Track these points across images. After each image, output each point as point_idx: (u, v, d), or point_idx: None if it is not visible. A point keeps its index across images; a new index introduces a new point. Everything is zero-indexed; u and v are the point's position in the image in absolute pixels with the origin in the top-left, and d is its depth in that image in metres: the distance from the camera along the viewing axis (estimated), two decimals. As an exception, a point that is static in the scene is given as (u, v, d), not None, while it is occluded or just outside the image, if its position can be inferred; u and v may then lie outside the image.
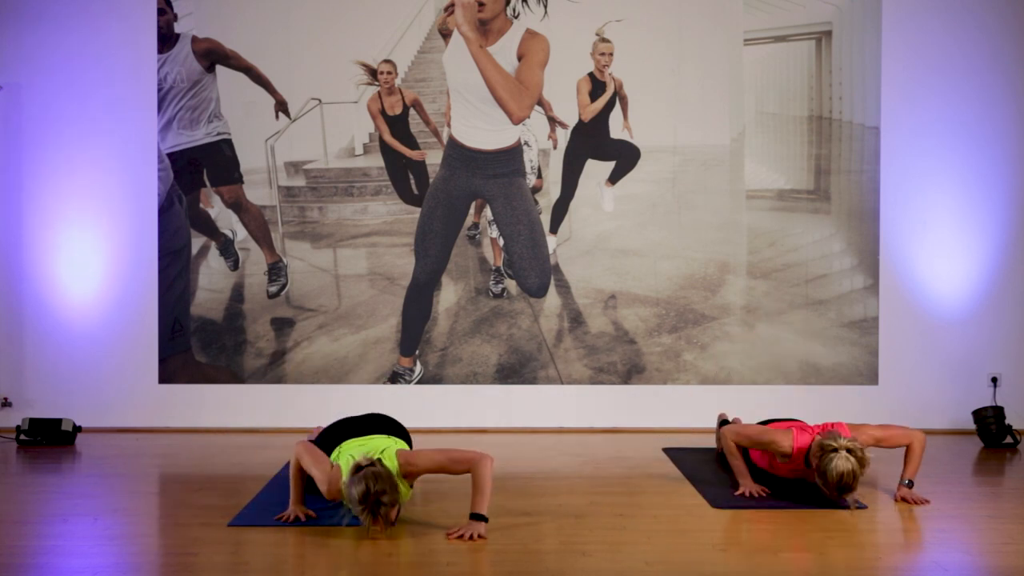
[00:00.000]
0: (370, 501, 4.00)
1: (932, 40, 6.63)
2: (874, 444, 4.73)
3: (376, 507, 4.00)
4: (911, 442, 4.83)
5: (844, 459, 4.38)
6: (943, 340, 6.64)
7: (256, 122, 6.67)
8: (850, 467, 4.36)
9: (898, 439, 4.81)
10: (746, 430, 4.93)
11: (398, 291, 6.67)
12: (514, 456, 5.86)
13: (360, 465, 4.08)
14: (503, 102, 6.39)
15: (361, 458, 4.13)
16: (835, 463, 4.38)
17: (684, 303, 6.67)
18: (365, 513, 4.03)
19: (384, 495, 4.01)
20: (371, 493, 3.99)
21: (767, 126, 6.79)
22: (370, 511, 4.01)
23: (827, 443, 4.43)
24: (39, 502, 4.78)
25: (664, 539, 4.15)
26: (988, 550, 4.05)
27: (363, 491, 4.00)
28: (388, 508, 4.04)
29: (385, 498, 4.01)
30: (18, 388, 6.62)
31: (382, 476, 4.05)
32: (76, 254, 6.61)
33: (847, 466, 4.36)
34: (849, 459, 4.38)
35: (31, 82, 6.58)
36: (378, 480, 4.03)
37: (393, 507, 4.07)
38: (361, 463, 4.09)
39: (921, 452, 4.82)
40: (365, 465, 4.08)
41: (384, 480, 4.04)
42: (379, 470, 4.07)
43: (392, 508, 4.07)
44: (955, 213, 6.65)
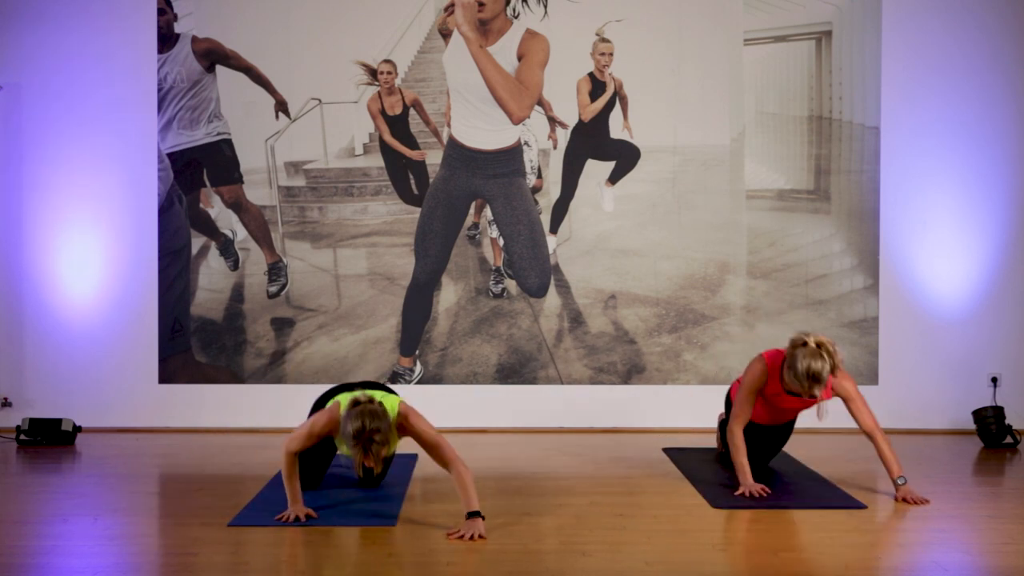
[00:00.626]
0: (363, 437, 4.08)
1: (932, 40, 6.63)
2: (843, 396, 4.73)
3: (368, 443, 4.08)
4: (875, 434, 4.79)
5: (812, 350, 4.46)
6: (943, 340, 6.64)
7: (256, 122, 6.67)
8: (819, 359, 4.43)
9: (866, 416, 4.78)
10: (736, 403, 4.88)
11: (398, 291, 6.67)
12: (514, 456, 5.86)
13: (358, 400, 4.18)
14: (503, 102, 6.39)
15: (360, 395, 4.23)
16: (803, 353, 4.45)
17: (684, 303, 6.67)
18: (357, 448, 4.11)
19: (377, 433, 4.10)
20: (366, 429, 4.08)
21: (767, 126, 6.79)
22: (362, 446, 4.09)
23: (797, 339, 4.54)
24: (39, 502, 4.78)
25: (664, 539, 4.15)
26: (988, 550, 4.05)
27: (358, 427, 4.09)
28: (379, 446, 4.11)
29: (378, 436, 4.10)
30: (18, 388, 6.62)
31: (378, 414, 4.14)
32: (76, 254, 6.61)
33: (815, 357, 4.43)
34: (818, 351, 4.45)
35: (31, 82, 6.58)
36: (374, 418, 4.11)
37: (384, 446, 4.14)
38: (359, 399, 4.19)
39: (890, 445, 4.83)
40: (363, 402, 4.18)
41: (380, 418, 4.13)
42: (376, 408, 4.16)
43: (383, 447, 4.14)
44: (955, 213, 6.65)
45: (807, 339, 4.51)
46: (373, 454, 4.12)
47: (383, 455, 4.17)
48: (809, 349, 4.47)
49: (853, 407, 4.80)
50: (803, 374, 4.47)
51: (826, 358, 4.47)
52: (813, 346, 4.48)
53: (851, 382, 4.77)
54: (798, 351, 4.51)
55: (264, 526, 4.29)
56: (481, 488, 5.00)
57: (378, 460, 4.15)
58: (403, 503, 4.68)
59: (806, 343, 4.49)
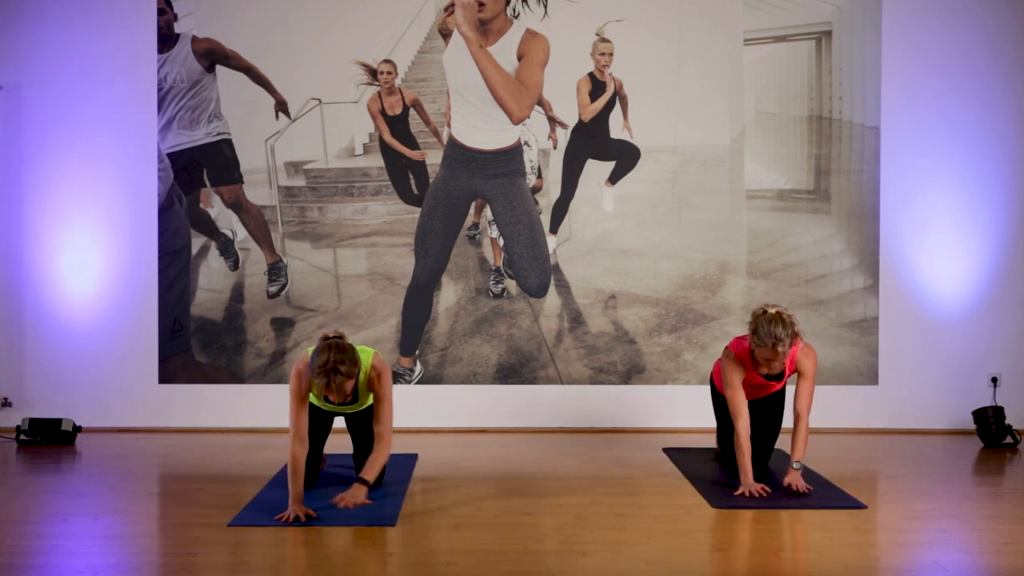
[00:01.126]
0: (327, 367, 4.26)
1: (932, 40, 6.63)
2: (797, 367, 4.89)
3: (331, 372, 4.25)
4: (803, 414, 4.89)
5: (772, 316, 4.71)
6: (943, 340, 6.64)
7: (256, 122, 6.67)
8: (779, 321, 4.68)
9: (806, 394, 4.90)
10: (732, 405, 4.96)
11: (398, 291, 6.67)
12: (514, 456, 5.86)
13: (327, 336, 4.39)
14: (503, 102, 6.39)
15: (331, 332, 4.44)
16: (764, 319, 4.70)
17: (684, 303, 6.67)
18: (321, 377, 4.28)
19: (342, 364, 4.28)
20: (330, 361, 4.26)
21: (767, 126, 6.79)
22: (325, 375, 4.26)
23: (756, 309, 4.82)
24: (39, 502, 4.78)
25: (664, 539, 4.15)
26: (988, 550, 4.05)
27: (324, 359, 4.28)
28: (344, 378, 4.29)
29: (343, 367, 4.27)
30: (18, 388, 6.62)
31: (345, 349, 4.33)
32: (76, 254, 6.61)
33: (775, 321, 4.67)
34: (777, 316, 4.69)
35: (31, 82, 6.58)
36: (340, 351, 4.31)
37: (349, 379, 4.31)
38: (329, 335, 4.40)
39: (807, 434, 4.92)
40: (332, 337, 4.38)
41: (346, 353, 4.32)
42: (343, 344, 4.35)
43: (348, 380, 4.31)
44: (955, 213, 6.65)
45: (767, 308, 4.77)
46: (336, 385, 4.28)
47: (347, 390, 4.33)
48: (768, 315, 4.72)
49: (801, 384, 4.93)
50: (765, 334, 4.67)
51: (786, 320, 4.70)
52: (773, 312, 4.73)
53: (812, 363, 4.93)
54: (760, 318, 4.74)
55: (264, 526, 4.29)
56: (481, 488, 5.02)
57: (340, 392, 4.31)
58: (403, 503, 4.68)
59: (766, 311, 4.75)
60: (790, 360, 4.89)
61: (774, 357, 4.73)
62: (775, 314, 4.72)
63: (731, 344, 5.03)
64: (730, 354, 4.98)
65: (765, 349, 4.71)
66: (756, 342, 4.75)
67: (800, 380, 4.93)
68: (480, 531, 4.24)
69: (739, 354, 4.95)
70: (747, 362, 4.94)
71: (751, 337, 4.79)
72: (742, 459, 4.86)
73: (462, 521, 4.39)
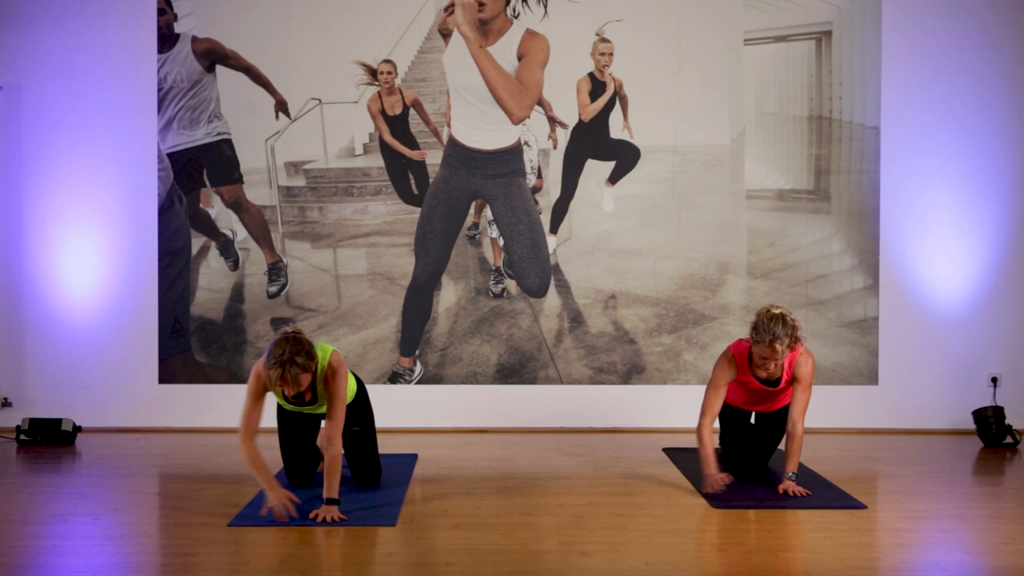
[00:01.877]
0: (283, 359, 4.21)
1: (932, 40, 6.63)
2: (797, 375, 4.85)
3: (285, 365, 4.20)
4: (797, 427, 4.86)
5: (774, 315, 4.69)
6: (943, 340, 6.64)
7: (256, 122, 6.67)
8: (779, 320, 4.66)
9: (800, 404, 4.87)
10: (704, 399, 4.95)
11: (398, 291, 6.67)
12: (514, 456, 5.86)
13: (284, 330, 4.34)
14: (503, 102, 6.39)
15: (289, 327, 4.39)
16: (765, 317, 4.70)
17: (684, 303, 6.67)
18: (276, 368, 4.22)
19: (297, 356, 4.22)
20: (285, 353, 4.22)
21: (767, 126, 6.79)
22: (280, 365, 4.21)
23: (761, 308, 4.81)
24: (39, 502, 4.78)
25: (664, 539, 4.15)
26: (988, 550, 4.05)
27: (279, 352, 4.23)
28: (299, 370, 4.22)
29: (299, 359, 4.22)
30: (18, 388, 6.62)
31: (300, 342, 4.27)
32: (76, 254, 6.61)
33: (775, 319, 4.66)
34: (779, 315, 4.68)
35: (31, 82, 6.59)
36: (295, 343, 4.25)
37: (305, 372, 4.25)
38: (286, 329, 4.35)
39: (801, 445, 4.89)
40: (288, 331, 4.33)
41: (300, 345, 4.25)
42: (299, 336, 4.30)
43: (303, 373, 4.24)
44: (955, 213, 6.65)
45: (772, 308, 4.76)
46: (290, 377, 4.22)
47: (302, 385, 4.26)
48: (771, 314, 4.72)
49: (797, 390, 4.88)
50: (764, 330, 4.66)
51: (788, 321, 4.68)
52: (776, 312, 4.73)
53: (810, 370, 4.88)
54: (761, 315, 4.74)
55: (264, 526, 4.29)
56: (481, 488, 5.02)
57: (295, 384, 4.24)
58: (403, 503, 4.68)
59: (770, 310, 4.74)
60: (788, 365, 4.85)
61: (771, 356, 4.70)
62: (778, 314, 4.71)
63: (732, 344, 5.01)
64: (728, 354, 4.96)
65: (763, 346, 4.69)
66: (755, 338, 4.73)
67: (796, 386, 4.89)
68: (480, 531, 4.24)
69: (737, 355, 4.93)
70: (743, 364, 4.91)
71: (751, 334, 4.78)
72: (703, 450, 4.86)
73: (462, 521, 4.39)
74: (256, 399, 4.48)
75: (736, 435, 5.23)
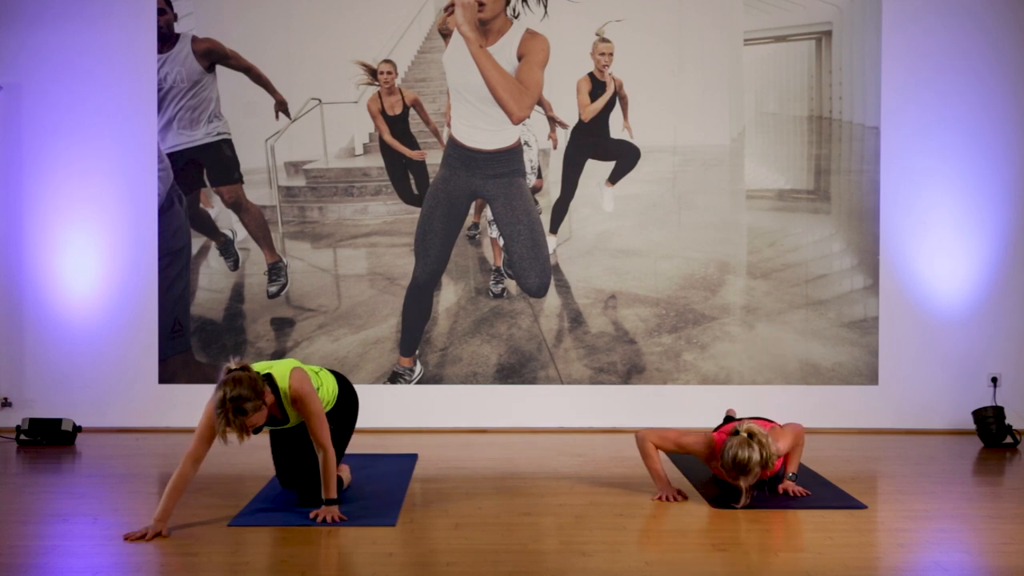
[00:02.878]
0: (226, 406, 3.97)
1: (932, 40, 6.63)
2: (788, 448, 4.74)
3: (230, 411, 3.96)
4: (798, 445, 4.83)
5: (742, 441, 4.41)
6: (943, 340, 6.64)
7: (256, 122, 6.67)
8: (748, 448, 4.37)
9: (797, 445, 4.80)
10: (667, 434, 4.80)
11: (398, 291, 6.67)
12: (514, 456, 5.86)
13: (229, 369, 4.07)
14: (503, 102, 6.39)
15: (234, 363, 4.11)
16: (732, 444, 4.41)
17: (684, 303, 6.67)
18: (220, 419, 3.98)
19: (245, 401, 3.98)
20: (227, 398, 3.97)
21: (767, 126, 6.79)
22: (223, 415, 3.98)
23: (733, 428, 4.51)
24: (39, 502, 4.78)
25: (664, 539, 4.15)
26: (988, 550, 4.05)
27: (220, 397, 3.99)
28: (244, 417, 3.98)
29: (248, 405, 3.98)
30: (18, 388, 6.62)
31: (242, 381, 4.02)
32: (76, 254, 6.61)
33: (744, 446, 4.38)
34: (748, 442, 4.40)
35: (31, 82, 6.59)
36: (236, 385, 4.00)
37: (256, 413, 4.01)
38: (230, 366, 4.07)
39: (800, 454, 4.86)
40: (233, 370, 4.07)
41: (243, 385, 4.01)
42: (240, 375, 4.04)
43: (253, 414, 4.00)
44: (955, 213, 6.65)
45: (740, 428, 4.47)
46: (236, 423, 3.97)
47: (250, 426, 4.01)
48: (739, 439, 4.42)
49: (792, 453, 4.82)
50: (729, 462, 4.42)
51: (756, 448, 4.40)
52: (744, 436, 4.44)
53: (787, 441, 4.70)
54: (729, 439, 4.46)
55: (264, 526, 4.29)
56: (481, 488, 5.02)
57: (242, 430, 4.00)
58: (403, 503, 4.68)
59: (739, 432, 4.45)
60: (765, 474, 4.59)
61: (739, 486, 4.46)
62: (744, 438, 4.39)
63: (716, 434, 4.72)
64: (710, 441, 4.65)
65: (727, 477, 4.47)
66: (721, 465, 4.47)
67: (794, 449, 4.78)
68: (480, 531, 4.24)
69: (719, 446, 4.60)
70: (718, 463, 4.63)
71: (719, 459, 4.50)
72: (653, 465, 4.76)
73: (462, 521, 4.39)
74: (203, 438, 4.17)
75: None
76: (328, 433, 4.35)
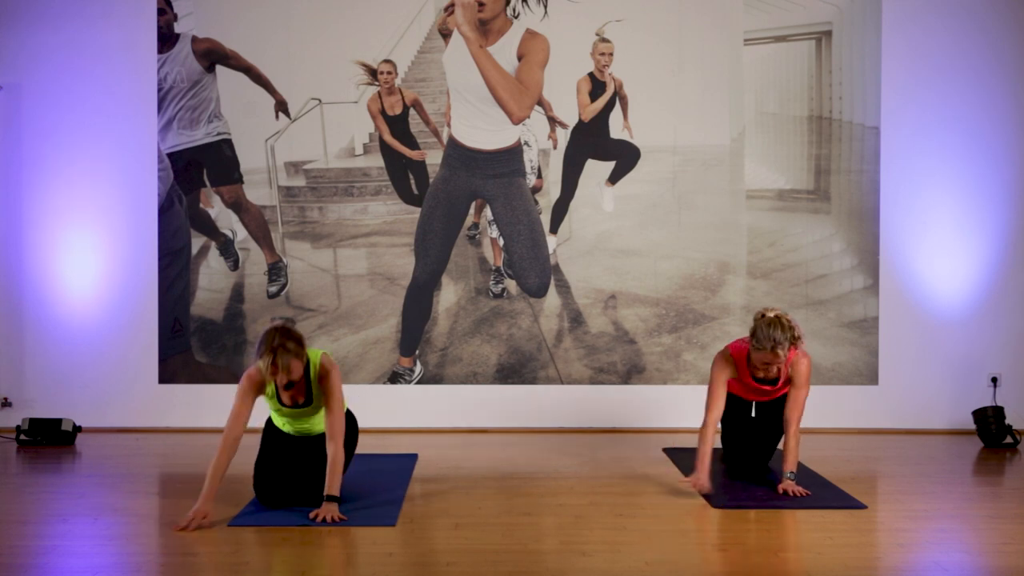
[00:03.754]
0: (273, 345, 4.23)
1: (932, 40, 6.63)
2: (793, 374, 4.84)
3: (276, 351, 4.22)
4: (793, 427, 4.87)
5: (771, 319, 4.70)
6: (943, 340, 6.64)
7: (256, 122, 6.67)
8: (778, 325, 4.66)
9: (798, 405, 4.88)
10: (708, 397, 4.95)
11: (398, 291, 6.67)
12: (514, 456, 5.86)
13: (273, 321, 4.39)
14: (503, 102, 6.39)
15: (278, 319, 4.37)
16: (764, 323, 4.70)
17: (684, 303, 6.67)
18: (267, 355, 4.23)
19: (289, 342, 4.25)
20: (275, 340, 4.25)
21: (767, 126, 6.79)
22: (271, 351, 4.23)
23: (757, 313, 4.80)
24: (39, 502, 4.78)
25: (664, 539, 4.15)
26: (988, 550, 4.05)
27: (270, 339, 4.26)
28: (290, 357, 4.24)
29: (289, 346, 4.24)
30: (18, 388, 6.62)
31: (290, 332, 4.31)
32: (76, 254, 6.61)
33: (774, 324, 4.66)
34: (776, 320, 4.68)
35: (31, 82, 6.59)
36: (285, 333, 4.28)
37: (297, 360, 4.26)
38: (275, 320, 4.42)
39: (798, 443, 4.90)
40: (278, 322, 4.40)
41: (291, 334, 4.29)
42: (289, 328, 4.34)
43: (295, 359, 4.25)
44: (955, 213, 6.65)
45: (767, 312, 4.76)
46: (281, 364, 4.21)
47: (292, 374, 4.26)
48: (767, 319, 4.72)
49: (792, 391, 4.88)
50: (764, 337, 4.67)
51: (785, 324, 4.69)
52: (772, 316, 4.73)
53: (806, 370, 4.88)
54: (759, 321, 4.74)
55: (264, 526, 4.29)
56: (481, 488, 5.02)
57: (287, 371, 4.23)
58: (403, 503, 4.68)
59: (765, 315, 4.74)
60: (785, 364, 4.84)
61: (773, 361, 4.71)
62: (774, 317, 4.71)
63: (731, 344, 5.01)
64: (726, 352, 4.96)
65: (763, 352, 4.70)
66: (754, 345, 4.73)
67: (792, 387, 4.89)
68: (480, 531, 4.24)
69: (735, 354, 4.93)
70: (742, 365, 4.91)
71: (750, 340, 4.77)
72: (703, 447, 4.85)
73: (462, 521, 4.39)
74: (244, 399, 4.45)
75: (737, 427, 5.22)
76: (344, 422, 4.45)
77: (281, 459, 4.64)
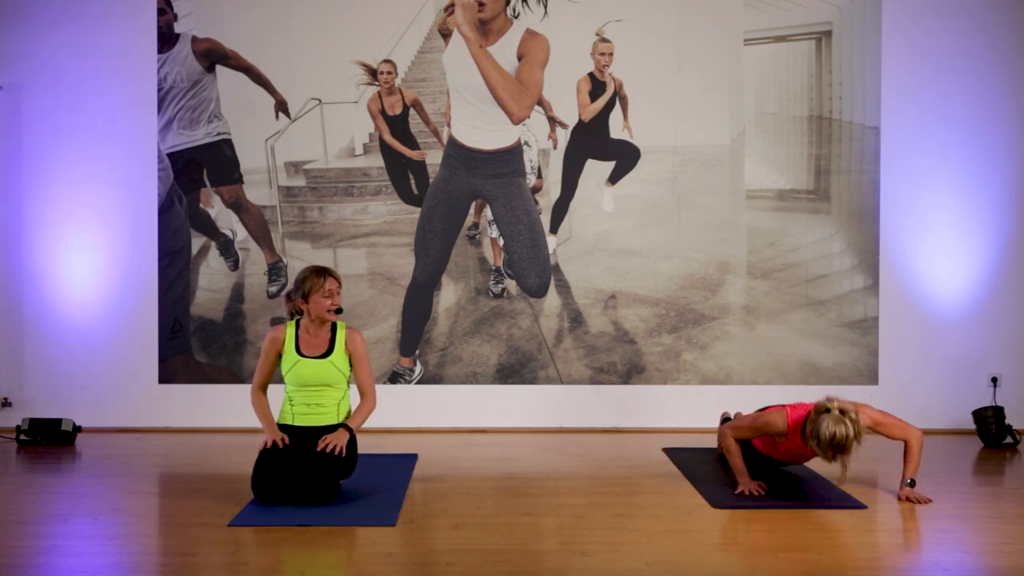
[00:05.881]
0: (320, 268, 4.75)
1: (932, 40, 6.63)
2: (871, 425, 4.69)
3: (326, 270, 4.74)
4: (908, 439, 4.82)
5: (836, 418, 4.39)
6: (943, 340, 6.64)
7: (256, 122, 6.67)
8: (844, 426, 4.36)
9: (895, 429, 4.80)
10: (742, 422, 4.97)
11: (398, 291, 6.67)
12: (514, 456, 5.86)
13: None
14: (503, 102, 6.39)
15: None
16: (827, 422, 4.38)
17: (684, 303, 6.67)
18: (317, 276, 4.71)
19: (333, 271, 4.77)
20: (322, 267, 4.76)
21: (767, 126, 6.79)
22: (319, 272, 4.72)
23: (821, 405, 4.48)
24: (39, 502, 4.78)
25: (664, 539, 4.15)
26: (988, 550, 4.05)
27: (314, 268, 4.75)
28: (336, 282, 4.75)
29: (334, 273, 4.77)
30: (18, 388, 6.62)
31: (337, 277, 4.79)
32: (76, 254, 6.61)
33: (840, 424, 4.36)
34: (842, 419, 4.38)
35: (32, 82, 6.58)
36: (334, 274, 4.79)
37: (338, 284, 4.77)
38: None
39: (919, 450, 4.83)
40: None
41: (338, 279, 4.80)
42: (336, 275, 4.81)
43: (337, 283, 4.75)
44: (955, 213, 6.65)
45: (831, 405, 4.43)
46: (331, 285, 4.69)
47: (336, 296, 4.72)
48: (833, 416, 4.40)
49: (883, 431, 4.77)
50: (827, 443, 4.38)
51: (849, 424, 4.38)
52: (837, 413, 4.41)
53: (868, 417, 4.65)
54: (822, 418, 4.41)
55: (264, 526, 4.29)
56: (481, 488, 5.02)
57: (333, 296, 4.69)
58: (403, 503, 4.68)
59: (829, 410, 4.42)
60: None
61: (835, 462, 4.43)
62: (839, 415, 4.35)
63: (791, 409, 4.70)
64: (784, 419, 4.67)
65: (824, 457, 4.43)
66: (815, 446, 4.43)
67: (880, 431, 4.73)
68: (480, 531, 4.24)
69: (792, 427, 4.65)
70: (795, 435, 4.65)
71: (810, 438, 4.45)
72: (736, 461, 4.87)
73: (462, 521, 4.39)
74: (268, 357, 4.82)
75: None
76: (372, 380, 4.84)
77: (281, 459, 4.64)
